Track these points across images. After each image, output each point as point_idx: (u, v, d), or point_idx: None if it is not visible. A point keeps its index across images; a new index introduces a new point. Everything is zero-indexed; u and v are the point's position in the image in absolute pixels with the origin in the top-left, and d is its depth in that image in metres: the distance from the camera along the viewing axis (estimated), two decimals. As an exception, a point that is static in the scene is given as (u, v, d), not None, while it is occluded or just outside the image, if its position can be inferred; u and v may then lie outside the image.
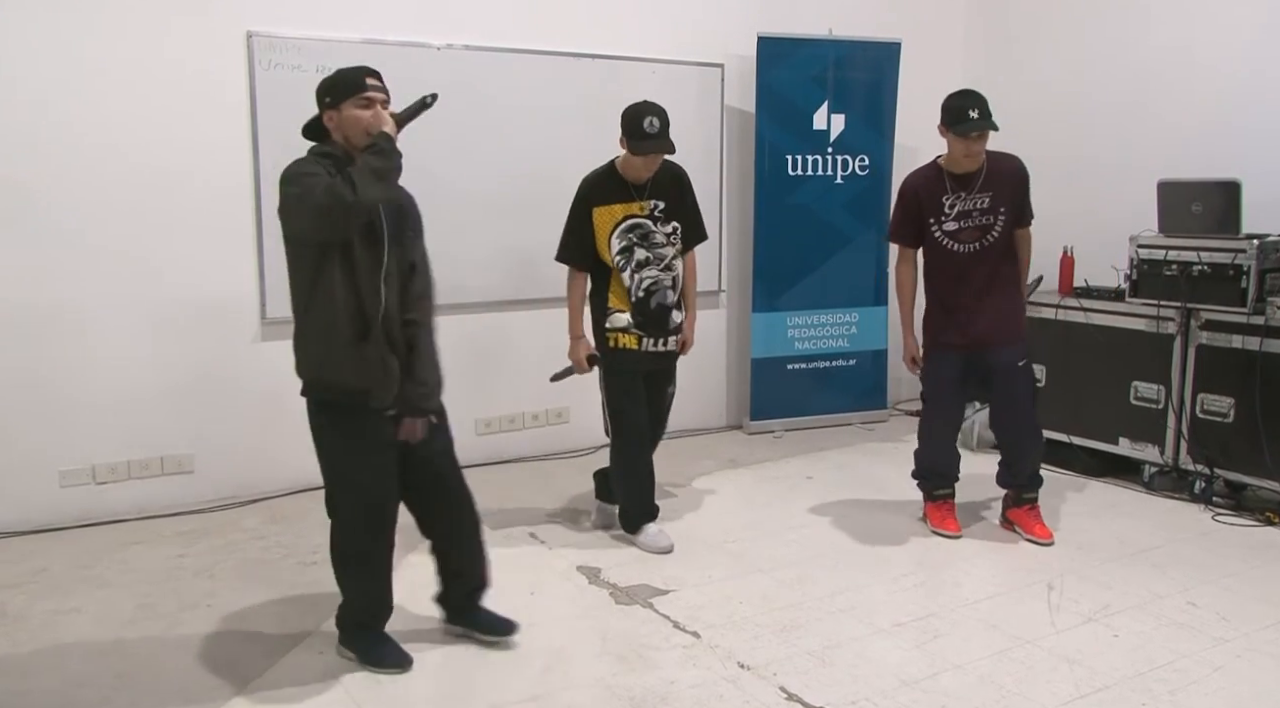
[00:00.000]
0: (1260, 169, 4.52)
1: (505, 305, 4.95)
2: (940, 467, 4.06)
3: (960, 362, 3.88)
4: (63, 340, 4.02)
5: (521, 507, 4.34)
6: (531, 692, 2.77)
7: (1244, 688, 2.81)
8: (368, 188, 2.53)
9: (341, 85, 2.71)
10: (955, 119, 3.69)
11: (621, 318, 3.77)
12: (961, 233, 3.80)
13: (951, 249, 3.82)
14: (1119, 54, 5.34)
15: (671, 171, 3.80)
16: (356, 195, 2.50)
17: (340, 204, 2.50)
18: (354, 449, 2.80)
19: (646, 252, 3.74)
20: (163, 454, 4.27)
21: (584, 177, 3.79)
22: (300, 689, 2.80)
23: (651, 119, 3.59)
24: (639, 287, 3.75)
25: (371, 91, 2.70)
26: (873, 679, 2.85)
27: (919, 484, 4.15)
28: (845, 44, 5.51)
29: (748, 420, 5.66)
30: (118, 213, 4.07)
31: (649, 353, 3.80)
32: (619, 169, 3.74)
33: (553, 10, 4.91)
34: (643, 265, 3.75)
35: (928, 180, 3.86)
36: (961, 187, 3.79)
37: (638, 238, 3.73)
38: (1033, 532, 3.94)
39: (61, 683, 2.83)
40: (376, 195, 2.57)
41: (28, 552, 3.81)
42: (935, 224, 3.83)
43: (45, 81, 3.90)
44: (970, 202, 3.79)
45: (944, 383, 3.94)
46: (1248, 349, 4.17)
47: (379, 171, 2.58)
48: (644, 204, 3.73)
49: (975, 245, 3.80)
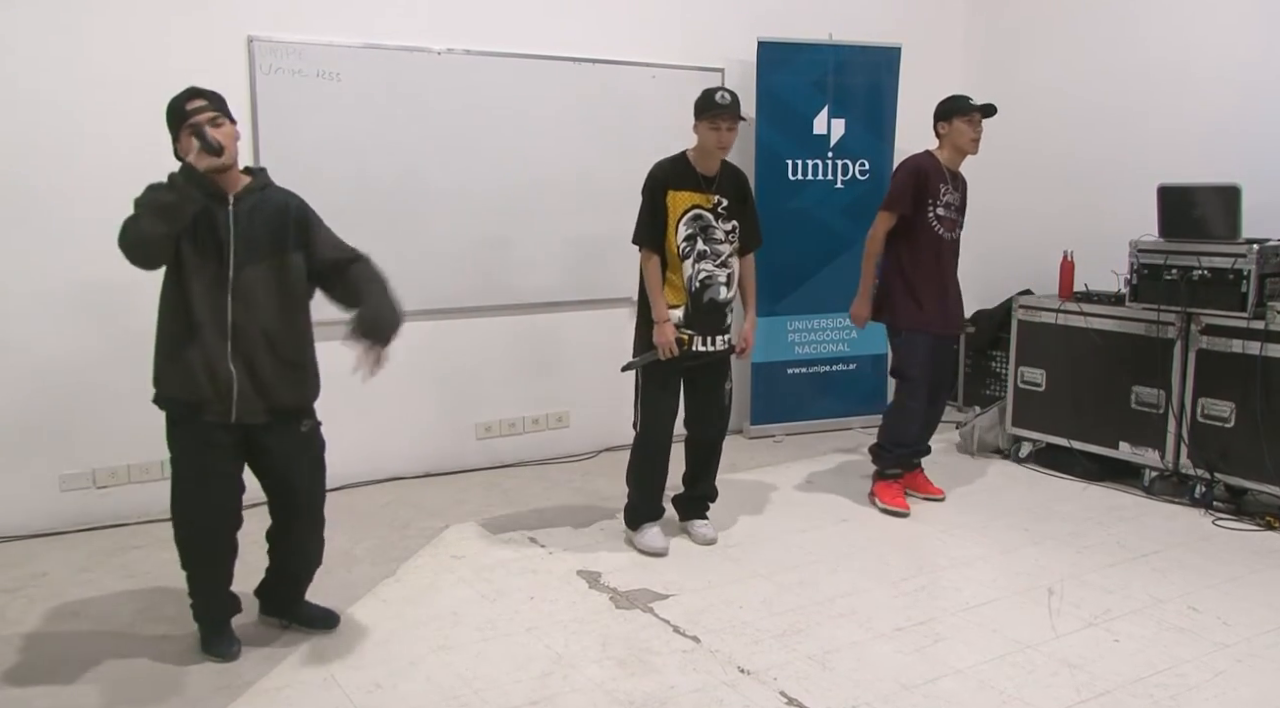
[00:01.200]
0: (1260, 174, 4.52)
1: (505, 309, 4.95)
2: (910, 439, 4.33)
3: (935, 342, 4.24)
4: (62, 344, 4.02)
5: (521, 511, 4.34)
6: (531, 697, 2.77)
7: (1245, 693, 2.81)
8: (149, 225, 2.61)
9: (171, 117, 2.76)
10: (960, 107, 4.14)
11: (674, 313, 3.74)
12: (945, 220, 4.20)
13: (939, 232, 4.18)
14: (1119, 59, 5.35)
15: (735, 172, 3.86)
16: (140, 233, 2.60)
17: (126, 242, 2.61)
18: (192, 465, 2.86)
19: (705, 245, 3.76)
20: (162, 458, 4.25)
21: (656, 163, 3.79)
22: (300, 693, 2.79)
23: (723, 93, 3.70)
24: (696, 278, 3.74)
25: (195, 116, 2.71)
26: (873, 684, 2.84)
27: (879, 457, 4.35)
28: (845, 49, 5.52)
29: (748, 425, 5.65)
30: (118, 217, 4.05)
31: (697, 352, 3.77)
32: (690, 159, 3.77)
33: (553, 15, 4.92)
34: (702, 258, 3.76)
35: (932, 165, 4.20)
36: (951, 181, 4.22)
37: (699, 229, 3.75)
38: (929, 491, 4.45)
39: (60, 688, 2.82)
40: (157, 230, 2.61)
41: (27, 556, 3.81)
42: (932, 206, 4.16)
43: (46, 86, 3.90)
44: (952, 195, 4.22)
45: (925, 362, 4.23)
46: (1248, 354, 4.17)
47: (158, 207, 2.62)
48: (710, 196, 3.76)
49: (951, 234, 4.25)
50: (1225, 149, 4.80)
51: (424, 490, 4.63)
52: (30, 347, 3.97)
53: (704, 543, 3.92)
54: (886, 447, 4.32)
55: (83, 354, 4.06)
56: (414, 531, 4.10)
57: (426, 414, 4.81)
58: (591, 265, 4.69)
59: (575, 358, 5.14)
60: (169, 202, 2.62)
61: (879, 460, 4.35)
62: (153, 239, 2.60)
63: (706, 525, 3.99)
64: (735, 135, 3.71)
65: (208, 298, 2.73)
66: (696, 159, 3.75)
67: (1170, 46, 5.10)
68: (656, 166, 3.77)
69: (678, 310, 3.74)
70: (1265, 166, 4.61)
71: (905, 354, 4.26)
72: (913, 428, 4.31)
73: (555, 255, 5.00)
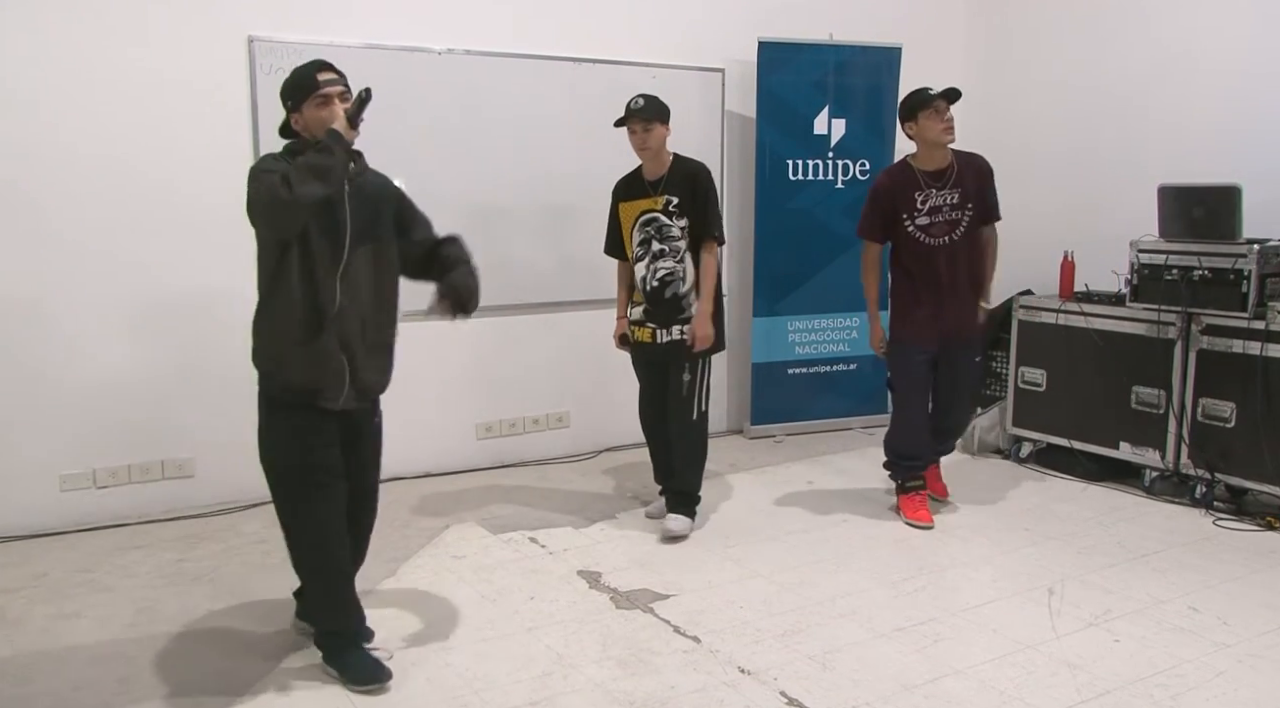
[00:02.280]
0: (1261, 174, 4.52)
1: (505, 309, 4.95)
2: (912, 451, 4.23)
3: (928, 354, 4.13)
4: (63, 344, 4.03)
5: (522, 511, 4.35)
6: (531, 697, 2.77)
7: (1245, 693, 2.81)
8: (303, 185, 2.49)
9: (299, 87, 2.70)
10: (920, 100, 3.90)
11: (637, 311, 4.03)
12: (933, 227, 4.01)
13: (924, 242, 4.02)
14: (1119, 59, 5.35)
15: (686, 169, 3.95)
16: (292, 193, 2.47)
17: (277, 202, 2.48)
18: (303, 445, 2.75)
19: (662, 244, 3.93)
20: (163, 458, 4.28)
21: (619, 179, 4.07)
22: (300, 693, 2.79)
23: (635, 98, 3.86)
24: (653, 277, 3.94)
25: (327, 87, 2.68)
26: (873, 684, 2.84)
27: (891, 473, 4.30)
28: (846, 49, 5.52)
29: (748, 425, 5.66)
30: (118, 217, 4.08)
31: (661, 345, 3.98)
32: (642, 169, 3.99)
33: (553, 15, 4.92)
34: (659, 257, 3.94)
35: (899, 178, 4.05)
36: (933, 182, 4.00)
37: (654, 231, 3.94)
38: (934, 490, 4.38)
39: (61, 688, 2.83)
40: (313, 192, 2.51)
41: (28, 556, 3.81)
42: (908, 218, 4.02)
43: (46, 88, 3.91)
44: (941, 197, 4.00)
45: (913, 374, 4.16)
46: (1248, 354, 4.17)
47: (316, 169, 2.53)
48: (658, 199, 3.92)
49: (945, 240, 4.02)
50: (1225, 149, 4.80)
51: (424, 490, 4.63)
52: (30, 346, 3.97)
53: (665, 537, 3.95)
54: (890, 460, 4.29)
55: (83, 354, 4.06)
56: (414, 530, 4.10)
57: (427, 414, 4.81)
58: (592, 265, 4.67)
59: (576, 358, 5.14)
60: (327, 163, 2.55)
61: (890, 476, 4.32)
62: (306, 201, 2.50)
63: (676, 520, 4.00)
64: (656, 136, 3.85)
65: (326, 281, 2.68)
66: (643, 167, 3.99)
67: (1171, 46, 5.10)
68: (618, 184, 4.07)
69: (640, 308, 4.01)
70: (1265, 167, 4.60)
71: (891, 365, 4.24)
72: (910, 440, 4.20)
73: (556, 255, 5.01)
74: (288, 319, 2.68)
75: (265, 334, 2.76)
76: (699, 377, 3.98)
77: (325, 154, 2.57)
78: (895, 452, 4.26)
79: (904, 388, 4.19)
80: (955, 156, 4.02)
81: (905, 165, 4.06)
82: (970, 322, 4.15)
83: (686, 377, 3.97)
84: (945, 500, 4.40)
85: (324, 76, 2.68)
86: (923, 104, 3.88)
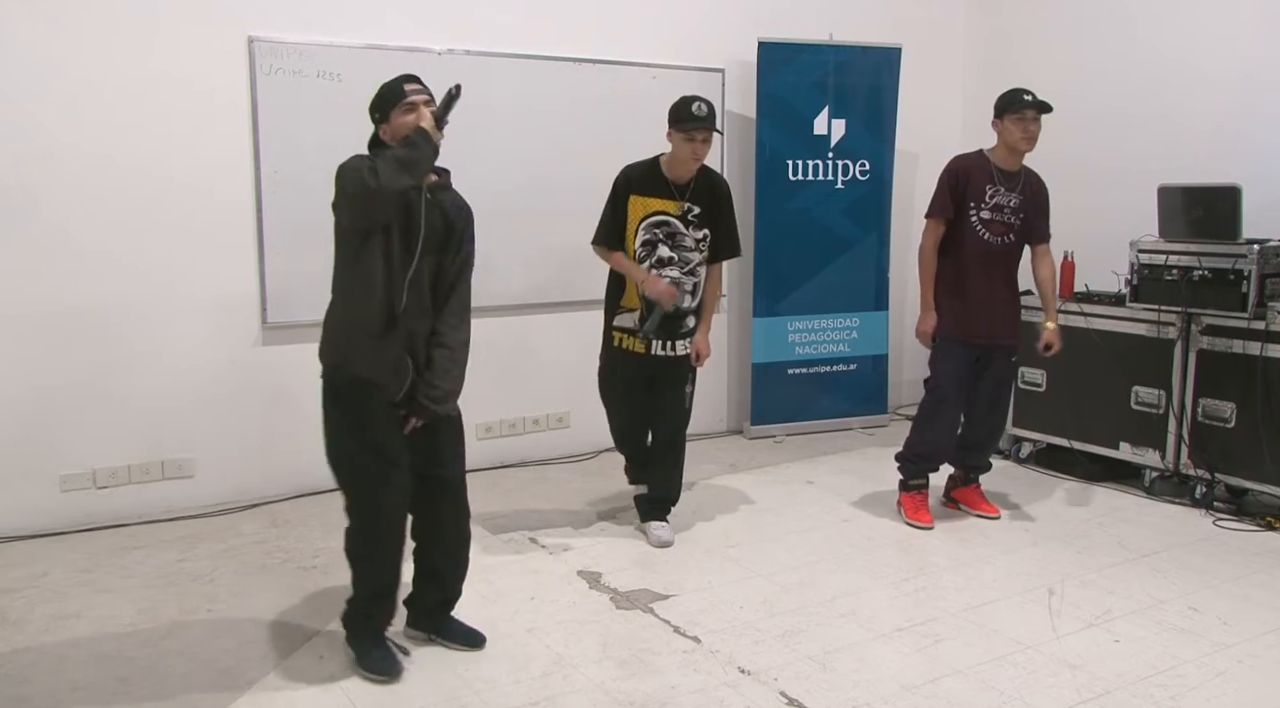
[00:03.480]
0: (1260, 174, 4.53)
1: (506, 310, 4.95)
2: (939, 453, 4.17)
3: (971, 354, 4.04)
4: (63, 345, 4.03)
5: (522, 511, 4.34)
6: (532, 697, 2.77)
7: (1246, 693, 2.81)
8: (391, 175, 2.59)
9: (387, 98, 2.81)
10: (1010, 102, 3.93)
11: (629, 318, 3.82)
12: (992, 224, 3.99)
13: (983, 236, 3.99)
14: (1118, 59, 5.35)
15: (712, 180, 3.83)
16: (379, 181, 2.57)
17: (365, 190, 2.58)
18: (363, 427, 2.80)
19: (671, 252, 3.76)
20: (163, 459, 4.27)
21: (627, 164, 3.81)
22: (300, 694, 2.79)
23: (700, 103, 3.64)
24: None
25: (413, 96, 2.79)
26: (874, 685, 2.84)
27: (902, 467, 4.22)
28: (846, 49, 5.52)
29: (748, 425, 5.66)
30: (119, 218, 4.07)
31: (657, 358, 3.82)
32: (662, 165, 3.78)
33: (553, 15, 4.92)
34: (664, 264, 3.77)
35: (978, 165, 4.02)
36: (1004, 182, 4.00)
37: (664, 235, 3.76)
38: (982, 508, 4.26)
39: (62, 688, 2.82)
40: (400, 182, 2.62)
41: (28, 556, 3.81)
42: (975, 209, 3.98)
43: (47, 89, 3.90)
44: (1007, 197, 4.00)
45: (956, 374, 4.07)
46: (1248, 354, 4.17)
47: (403, 160, 2.64)
48: (680, 204, 3.76)
49: (1001, 240, 4.01)
50: (1225, 149, 4.80)
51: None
52: (30, 347, 3.97)
53: (657, 545, 3.89)
54: (906, 456, 4.21)
55: (83, 355, 4.06)
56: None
57: (427, 415, 4.81)
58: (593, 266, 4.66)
59: (576, 359, 5.12)
60: (414, 157, 2.67)
61: (899, 469, 4.25)
62: (393, 190, 2.61)
63: (663, 527, 3.95)
64: (709, 147, 3.71)
65: (397, 280, 2.76)
66: (669, 166, 3.76)
67: (1170, 47, 5.10)
68: (626, 168, 3.80)
69: (633, 314, 3.79)
70: (1265, 167, 4.61)
71: (933, 361, 4.12)
72: (939, 441, 4.12)
73: (556, 256, 5.00)
74: (362, 311, 2.75)
75: (336, 326, 2.83)
76: (694, 388, 3.97)
77: (412, 148, 2.68)
78: (913, 450, 4.17)
79: (945, 385, 4.07)
80: (1025, 169, 4.05)
81: (982, 156, 4.04)
82: (1015, 332, 4.12)
83: (689, 388, 3.93)
84: (996, 517, 4.22)
85: (410, 87, 2.80)
86: (1011, 107, 3.93)
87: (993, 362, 4.09)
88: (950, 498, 4.31)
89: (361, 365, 2.78)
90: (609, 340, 3.91)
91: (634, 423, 4.02)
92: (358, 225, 2.71)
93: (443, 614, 3.11)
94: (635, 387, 3.92)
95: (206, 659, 2.99)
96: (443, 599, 3.09)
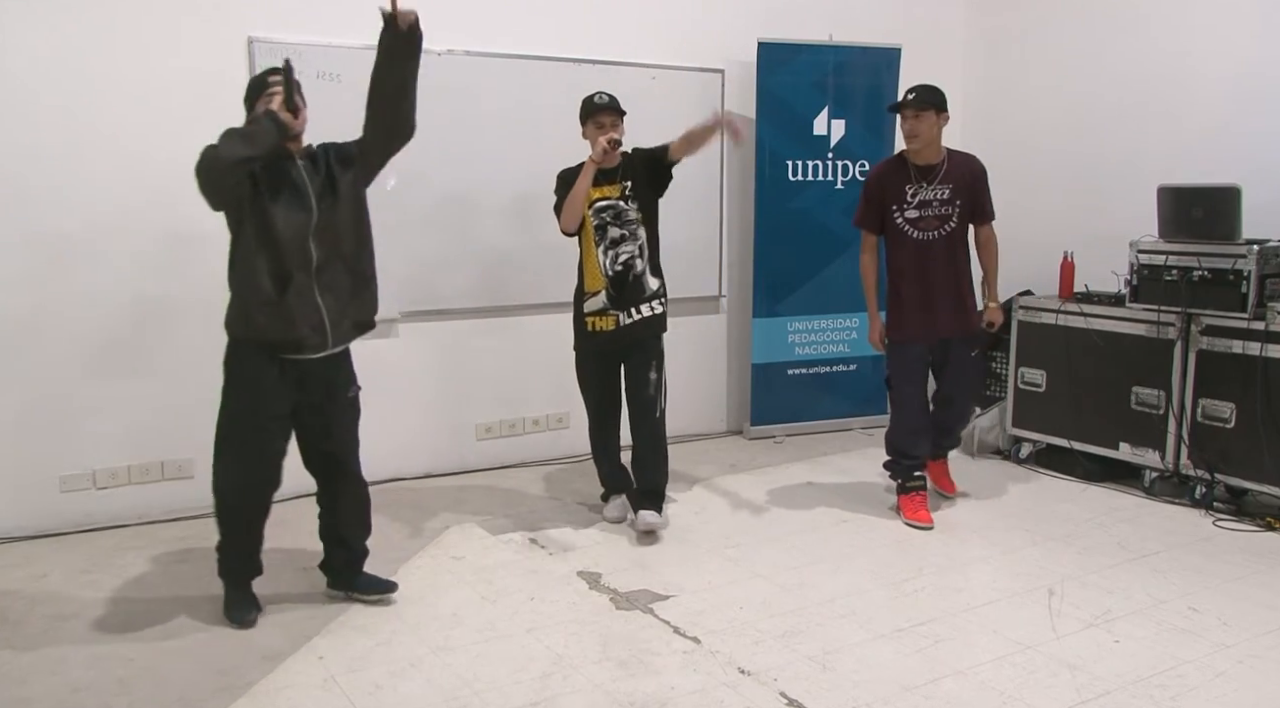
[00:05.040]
0: (1260, 174, 4.52)
1: (506, 310, 4.95)
2: (912, 444, 4.23)
3: (923, 349, 4.19)
4: (63, 345, 4.03)
5: (522, 512, 4.35)
6: (532, 698, 2.77)
7: (1246, 694, 2.81)
8: (230, 146, 2.85)
9: (255, 88, 3.09)
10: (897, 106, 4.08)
11: (597, 300, 3.99)
12: (922, 221, 4.07)
13: (912, 236, 4.08)
14: (1118, 59, 5.35)
15: (634, 154, 4.02)
16: (217, 152, 2.83)
17: (203, 161, 2.83)
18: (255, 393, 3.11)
19: (621, 229, 3.95)
20: (163, 459, 4.27)
21: (562, 169, 4.04)
22: (300, 695, 2.79)
23: (600, 94, 3.98)
24: (616, 261, 3.96)
25: (270, 88, 3.02)
26: (873, 685, 2.84)
27: (891, 472, 4.31)
28: (845, 49, 5.52)
29: (748, 426, 5.66)
30: (118, 218, 4.07)
31: (625, 327, 3.98)
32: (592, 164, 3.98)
33: (553, 16, 4.92)
34: (618, 242, 3.95)
35: (891, 169, 4.15)
36: (924, 177, 4.06)
37: (611, 217, 3.96)
38: (941, 486, 4.46)
39: (62, 689, 2.83)
40: (236, 152, 2.85)
41: (28, 557, 3.81)
42: (898, 210, 4.09)
43: (49, 90, 3.90)
44: (931, 191, 4.06)
45: (909, 371, 4.20)
46: (1248, 354, 4.17)
47: (244, 134, 2.92)
48: (618, 186, 3.96)
49: (934, 234, 4.08)
50: (1225, 149, 4.80)
51: (424, 491, 4.63)
52: (30, 348, 3.97)
53: (644, 528, 3.95)
54: (893, 458, 4.29)
55: (82, 355, 4.06)
56: (414, 531, 4.10)
57: (427, 415, 4.81)
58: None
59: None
60: (252, 131, 2.93)
61: (890, 475, 4.33)
62: (231, 159, 2.84)
63: (653, 513, 4.00)
64: (621, 130, 3.93)
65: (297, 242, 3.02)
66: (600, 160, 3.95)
67: (1170, 47, 5.10)
68: (562, 172, 4.03)
69: (600, 296, 3.98)
70: (1265, 167, 4.60)
71: (888, 363, 4.27)
72: (909, 437, 4.21)
73: (556, 256, 4.98)
74: (257, 280, 3.00)
75: (235, 298, 3.09)
76: (663, 374, 4.07)
77: (254, 123, 2.96)
78: (896, 450, 4.27)
79: (901, 385, 4.22)
80: (949, 155, 4.10)
81: (900, 158, 4.15)
82: (964, 319, 4.16)
83: (654, 375, 4.03)
84: (952, 496, 4.44)
85: (273, 78, 3.04)
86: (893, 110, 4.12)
87: (949, 352, 4.19)
88: None
89: (271, 327, 3.03)
90: (581, 328, 4.08)
91: (606, 412, 4.17)
92: (211, 200, 2.88)
93: (353, 572, 3.40)
94: (609, 368, 4.10)
95: (206, 660, 3.00)
96: (350, 559, 3.39)
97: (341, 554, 3.39)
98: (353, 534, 3.38)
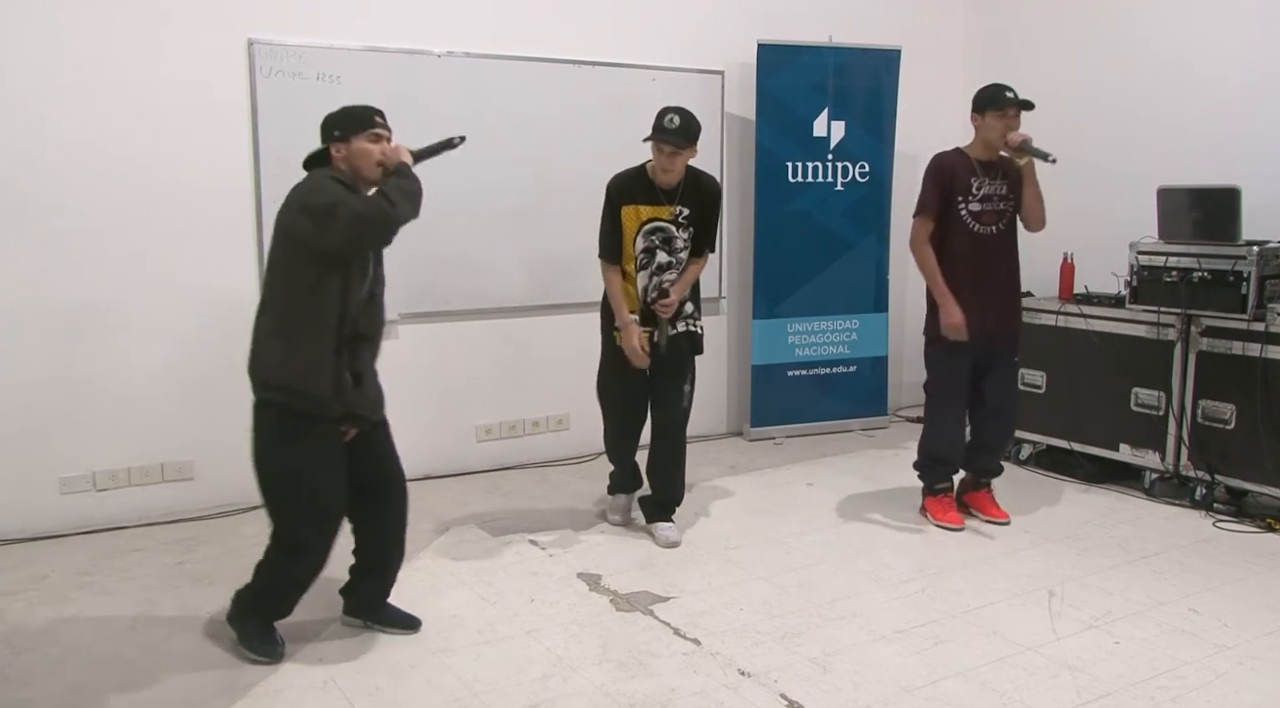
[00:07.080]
0: (1260, 175, 4.52)
1: (506, 312, 4.96)
2: (954, 452, 4.16)
3: (971, 354, 4.02)
4: (62, 347, 4.03)
5: (522, 513, 4.34)
6: (531, 699, 2.77)
7: (1246, 695, 2.81)
8: (403, 204, 2.71)
9: (352, 120, 2.87)
10: (991, 99, 3.98)
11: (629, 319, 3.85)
12: (983, 215, 4.01)
13: (974, 229, 4.00)
14: (1118, 61, 5.35)
15: (701, 182, 3.87)
16: (395, 208, 2.68)
17: (382, 215, 2.68)
18: (314, 454, 2.87)
19: (668, 256, 3.83)
20: (163, 461, 4.27)
21: (615, 175, 3.86)
22: (300, 696, 2.79)
23: (672, 116, 3.67)
24: (654, 287, 3.84)
25: (380, 128, 2.87)
26: (874, 687, 2.84)
27: (921, 474, 4.23)
28: (845, 51, 5.53)
29: (748, 427, 5.66)
30: (118, 220, 4.07)
31: (655, 345, 3.86)
32: (649, 172, 3.81)
33: (553, 18, 4.92)
34: (663, 269, 3.84)
35: (958, 161, 4.05)
36: (986, 172, 4.02)
37: (660, 241, 3.82)
38: (992, 513, 4.22)
39: (62, 690, 2.82)
40: (410, 213, 2.74)
41: (28, 559, 3.81)
42: (963, 202, 4.00)
43: (49, 91, 3.90)
44: (993, 187, 4.02)
45: (956, 375, 4.07)
46: (1248, 355, 4.17)
47: (410, 193, 2.75)
48: (671, 208, 3.80)
49: (993, 228, 4.02)
50: (1225, 150, 4.80)
51: (424, 492, 4.62)
52: (30, 348, 3.97)
53: (665, 545, 3.91)
54: (923, 462, 4.22)
55: (81, 356, 4.06)
56: (414, 533, 4.05)
57: (427, 416, 4.81)
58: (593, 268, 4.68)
59: (576, 361, 5.12)
60: (416, 190, 2.79)
61: (920, 477, 4.25)
62: (404, 220, 2.72)
63: (669, 528, 3.97)
64: (680, 161, 3.72)
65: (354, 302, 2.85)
66: (655, 173, 3.79)
67: (1170, 48, 5.10)
68: (613, 179, 3.85)
69: (634, 316, 3.84)
70: (1265, 167, 4.61)
71: (929, 364, 4.14)
72: (949, 442, 4.13)
73: (556, 258, 5.00)
74: (323, 333, 2.80)
75: (293, 348, 2.81)
76: (694, 389, 3.99)
77: (411, 181, 2.78)
78: (931, 455, 4.18)
79: (945, 388, 4.10)
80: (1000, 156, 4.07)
81: (960, 152, 4.08)
82: (1014, 319, 4.14)
83: (687, 387, 3.95)
84: (1006, 522, 4.17)
85: (379, 119, 2.89)
86: (994, 105, 3.96)
87: (994, 362, 4.07)
88: (960, 502, 4.27)
89: (324, 383, 2.81)
90: (610, 343, 3.94)
91: (629, 424, 4.07)
92: (351, 251, 2.77)
93: (381, 602, 3.20)
94: (635, 387, 3.96)
95: (206, 662, 2.99)
96: (382, 589, 3.20)
97: (374, 584, 3.18)
98: (395, 557, 3.17)
